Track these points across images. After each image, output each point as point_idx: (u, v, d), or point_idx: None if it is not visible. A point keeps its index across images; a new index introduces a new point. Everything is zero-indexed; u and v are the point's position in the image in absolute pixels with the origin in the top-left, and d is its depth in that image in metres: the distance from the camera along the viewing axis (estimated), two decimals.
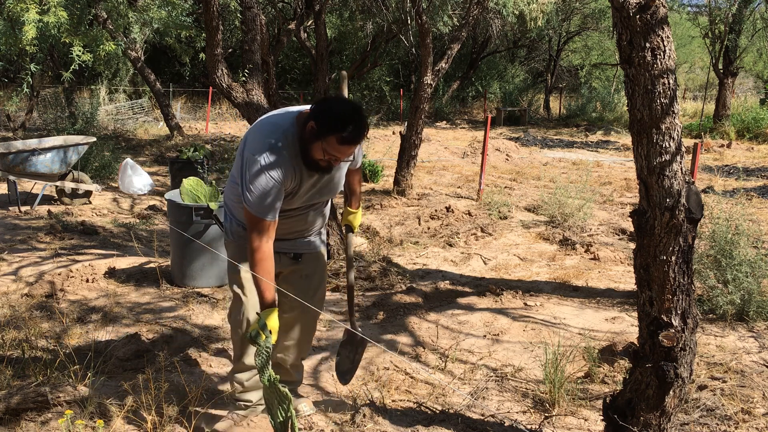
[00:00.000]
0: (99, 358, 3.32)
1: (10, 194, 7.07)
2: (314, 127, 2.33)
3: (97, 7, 7.23)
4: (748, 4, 15.24)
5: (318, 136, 2.33)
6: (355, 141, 2.36)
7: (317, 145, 2.35)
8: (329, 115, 2.32)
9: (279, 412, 2.31)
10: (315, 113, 2.35)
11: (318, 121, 2.33)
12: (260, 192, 2.35)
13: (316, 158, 2.40)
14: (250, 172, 2.35)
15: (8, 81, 16.49)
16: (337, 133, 2.31)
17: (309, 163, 2.43)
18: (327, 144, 2.33)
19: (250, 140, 2.43)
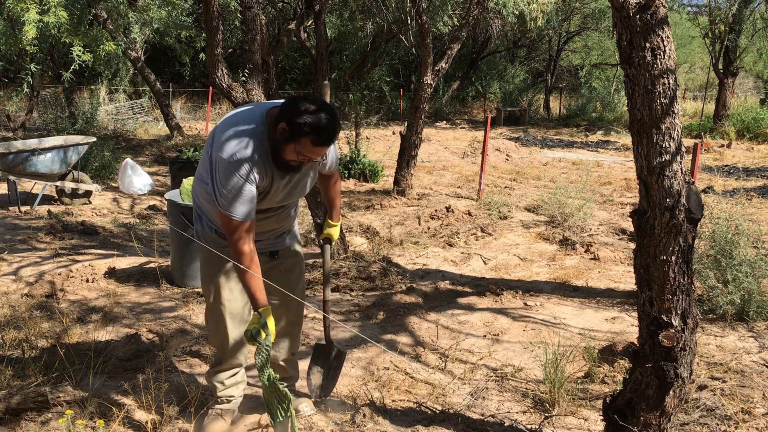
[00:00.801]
0: (99, 358, 3.32)
1: (10, 194, 7.07)
2: (286, 129, 2.28)
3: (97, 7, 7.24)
4: (748, 4, 15.24)
5: (290, 138, 2.28)
6: (329, 142, 2.32)
7: (289, 147, 2.31)
8: (301, 117, 2.26)
9: (279, 412, 2.31)
10: (286, 114, 2.29)
11: (290, 123, 2.27)
12: (236, 195, 2.29)
13: (288, 159, 2.36)
14: (222, 175, 2.29)
15: (8, 81, 16.50)
16: (311, 135, 2.27)
17: (280, 164, 2.38)
18: (300, 146, 2.29)
19: (218, 141, 2.34)
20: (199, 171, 2.53)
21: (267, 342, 2.33)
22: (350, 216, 7.00)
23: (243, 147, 2.30)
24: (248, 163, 2.29)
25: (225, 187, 2.29)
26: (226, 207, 2.31)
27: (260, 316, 2.37)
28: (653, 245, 2.24)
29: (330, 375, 3.02)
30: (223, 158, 2.29)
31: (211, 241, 2.61)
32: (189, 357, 3.49)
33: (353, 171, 9.24)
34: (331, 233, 2.95)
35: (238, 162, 2.28)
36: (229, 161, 2.28)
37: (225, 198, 2.31)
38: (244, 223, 2.34)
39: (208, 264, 2.66)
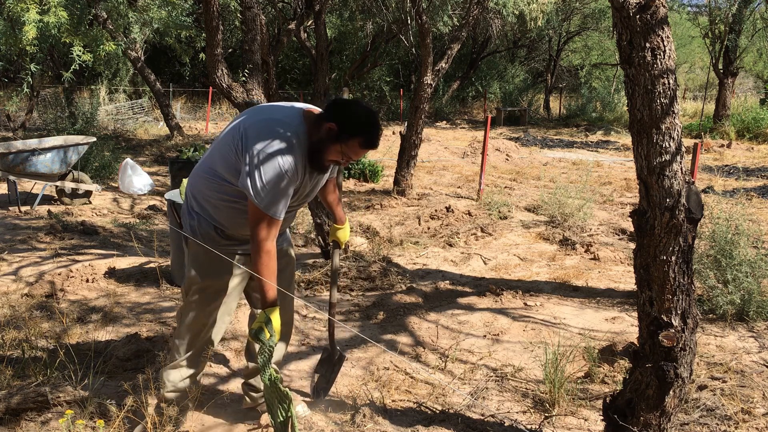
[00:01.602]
0: (99, 358, 3.32)
1: (10, 194, 7.07)
2: (335, 129, 2.30)
3: (97, 7, 7.24)
4: (748, 4, 15.24)
5: (338, 138, 2.31)
6: (375, 145, 2.37)
7: (335, 147, 2.33)
8: (352, 118, 2.31)
9: (279, 412, 2.31)
10: (336, 115, 2.32)
11: (340, 123, 2.30)
12: (279, 193, 2.28)
13: (330, 159, 2.37)
14: (265, 170, 2.26)
15: (8, 81, 16.50)
16: (361, 137, 2.32)
17: (316, 164, 2.39)
18: (347, 147, 2.33)
19: (257, 137, 2.31)
20: (211, 165, 2.46)
21: (271, 342, 2.32)
22: (350, 216, 7.00)
23: (288, 146, 2.29)
24: (293, 161, 2.29)
25: (269, 184, 2.26)
26: (267, 204, 2.28)
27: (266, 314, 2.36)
28: (653, 245, 2.24)
29: (330, 378, 3.03)
30: (268, 153, 2.26)
31: (208, 238, 2.52)
32: None
33: (353, 171, 9.24)
34: (339, 236, 2.93)
35: (284, 159, 2.27)
36: (276, 158, 2.26)
37: (267, 194, 2.27)
38: (277, 221, 2.33)
39: (201, 262, 2.57)
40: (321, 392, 3.02)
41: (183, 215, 2.61)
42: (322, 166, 2.41)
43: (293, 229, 6.14)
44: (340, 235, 2.93)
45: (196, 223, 2.54)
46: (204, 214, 2.53)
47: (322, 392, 3.02)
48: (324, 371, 3.05)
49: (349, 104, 2.37)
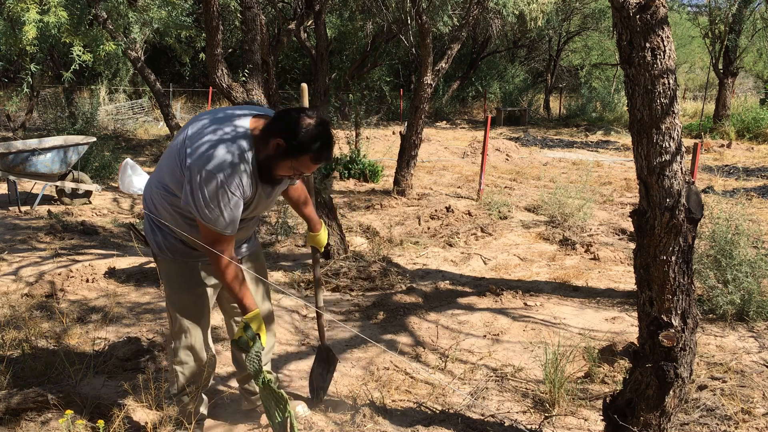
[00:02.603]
0: (99, 358, 3.33)
1: (10, 194, 7.07)
2: (282, 145, 2.18)
3: (97, 7, 7.24)
4: (748, 4, 15.24)
5: (287, 154, 2.19)
6: (328, 157, 2.25)
7: (285, 163, 2.22)
8: (300, 133, 2.17)
9: (277, 413, 2.31)
10: (281, 130, 2.18)
11: (287, 138, 2.17)
12: (224, 209, 2.18)
13: (281, 175, 2.27)
14: (208, 190, 2.15)
15: (8, 81, 16.50)
16: (312, 153, 2.19)
17: (267, 178, 2.28)
18: (298, 162, 2.21)
19: (198, 151, 2.18)
20: (160, 180, 2.35)
21: (257, 349, 2.32)
22: (350, 216, 7.00)
23: (231, 160, 2.16)
24: (237, 177, 2.17)
25: (212, 202, 2.16)
26: (215, 222, 2.19)
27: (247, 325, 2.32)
28: (653, 245, 2.24)
29: (327, 378, 3.04)
30: (210, 171, 2.14)
31: (178, 252, 2.45)
32: None
33: (353, 171, 9.24)
34: (317, 242, 2.87)
35: (227, 176, 2.15)
36: (219, 175, 2.14)
37: (213, 213, 2.17)
38: (230, 237, 2.26)
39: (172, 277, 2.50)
40: (320, 392, 3.02)
41: (146, 232, 2.50)
42: (274, 180, 2.31)
43: (293, 229, 6.14)
44: (318, 241, 2.87)
45: (161, 238, 2.45)
46: (166, 228, 2.43)
47: (321, 392, 3.02)
48: (320, 371, 3.06)
49: (295, 117, 2.21)
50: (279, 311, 4.24)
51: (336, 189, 8.52)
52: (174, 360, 2.57)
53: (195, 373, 2.58)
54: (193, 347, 2.54)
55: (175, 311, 2.52)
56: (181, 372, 2.57)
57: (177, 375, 2.58)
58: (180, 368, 2.56)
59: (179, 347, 2.54)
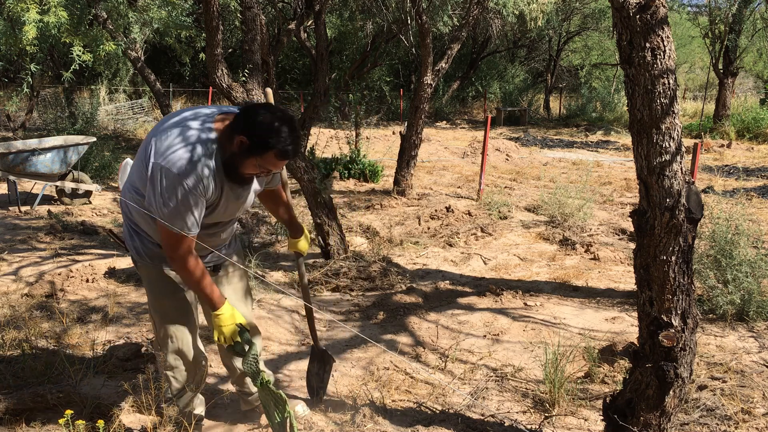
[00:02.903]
0: (99, 358, 3.33)
1: (10, 194, 7.07)
2: (246, 143, 2.13)
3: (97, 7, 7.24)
4: (748, 4, 15.23)
5: (252, 152, 2.14)
6: (294, 154, 2.20)
7: (250, 161, 2.17)
8: (264, 130, 2.12)
9: (276, 414, 2.32)
10: (246, 127, 2.13)
11: (252, 136, 2.12)
12: (183, 208, 2.12)
13: (247, 173, 2.23)
14: (167, 188, 2.10)
15: (8, 81, 16.51)
16: (276, 149, 2.14)
17: (234, 177, 2.24)
18: (263, 160, 2.16)
19: (160, 149, 2.14)
20: (132, 182, 2.30)
21: (253, 352, 2.31)
22: (350, 216, 7.00)
23: (191, 157, 2.11)
24: (197, 175, 2.11)
25: (171, 200, 2.11)
26: (172, 221, 2.13)
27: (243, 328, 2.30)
28: (653, 245, 2.24)
29: (325, 378, 3.04)
30: (168, 169, 2.09)
31: (157, 257, 2.40)
32: None
33: (353, 171, 9.24)
34: (300, 247, 2.84)
35: (185, 173, 2.09)
36: (177, 172, 2.09)
37: (171, 211, 2.12)
38: (190, 238, 2.19)
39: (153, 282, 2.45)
40: (320, 391, 3.02)
41: (125, 238, 2.44)
42: (242, 179, 2.26)
43: None
44: (300, 246, 2.84)
45: (138, 243, 2.40)
46: (143, 233, 2.38)
47: (321, 392, 3.02)
48: (317, 370, 3.04)
49: (258, 113, 2.15)
50: (279, 311, 4.24)
51: (336, 189, 8.52)
52: (165, 366, 2.53)
53: (187, 377, 2.55)
54: (181, 351, 2.50)
55: (159, 317, 2.48)
56: (173, 377, 2.54)
57: (169, 380, 2.55)
58: (171, 373, 2.54)
59: (167, 352, 2.50)
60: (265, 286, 4.54)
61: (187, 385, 2.57)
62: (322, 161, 9.45)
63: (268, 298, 4.43)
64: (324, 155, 10.24)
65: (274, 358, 3.57)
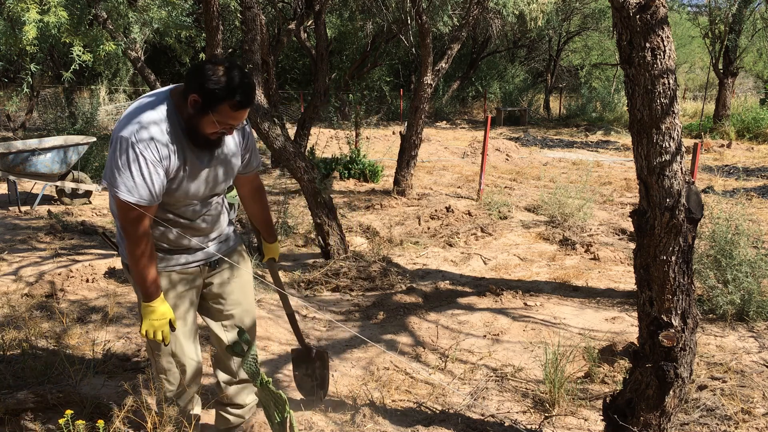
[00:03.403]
0: (99, 358, 3.33)
1: (10, 194, 7.07)
2: (198, 100, 2.09)
3: (97, 7, 7.24)
4: (748, 4, 15.23)
5: (205, 108, 2.09)
6: (249, 102, 2.13)
7: (207, 119, 2.11)
8: (211, 83, 2.07)
9: (276, 414, 2.31)
10: (194, 85, 2.09)
11: (201, 92, 2.07)
12: (134, 173, 2.06)
13: (208, 132, 2.16)
14: (120, 154, 2.06)
15: (8, 81, 16.51)
16: (228, 100, 2.08)
17: (198, 141, 2.18)
18: (218, 115, 2.11)
19: (118, 124, 2.13)
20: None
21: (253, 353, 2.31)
22: (350, 216, 7.00)
23: (146, 123, 2.08)
24: (152, 140, 2.08)
25: (124, 166, 2.05)
26: (128, 189, 2.07)
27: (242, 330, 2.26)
28: (653, 245, 2.24)
29: (320, 377, 2.97)
30: (121, 135, 2.06)
31: None
32: None
33: (353, 171, 9.24)
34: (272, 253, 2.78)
35: (138, 138, 2.06)
36: (130, 138, 2.05)
37: (124, 177, 2.06)
38: (142, 206, 2.10)
39: None
40: (318, 392, 2.98)
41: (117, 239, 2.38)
42: (205, 140, 2.18)
43: (293, 229, 6.14)
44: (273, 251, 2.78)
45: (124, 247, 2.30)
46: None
47: (319, 391, 2.99)
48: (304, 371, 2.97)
49: (202, 68, 2.11)
50: (279, 311, 4.24)
51: (336, 189, 8.52)
52: (157, 368, 2.49)
53: (180, 379, 2.50)
54: (174, 353, 2.45)
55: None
56: (166, 380, 2.49)
57: (162, 383, 2.50)
58: (164, 376, 2.49)
59: (160, 355, 2.45)
60: (265, 286, 4.54)
61: (180, 388, 2.53)
62: (322, 161, 9.45)
63: (267, 298, 4.43)
64: (324, 155, 10.24)
65: (274, 358, 3.56)
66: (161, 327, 2.25)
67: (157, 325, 2.24)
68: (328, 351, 3.52)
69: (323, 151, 10.63)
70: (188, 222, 2.34)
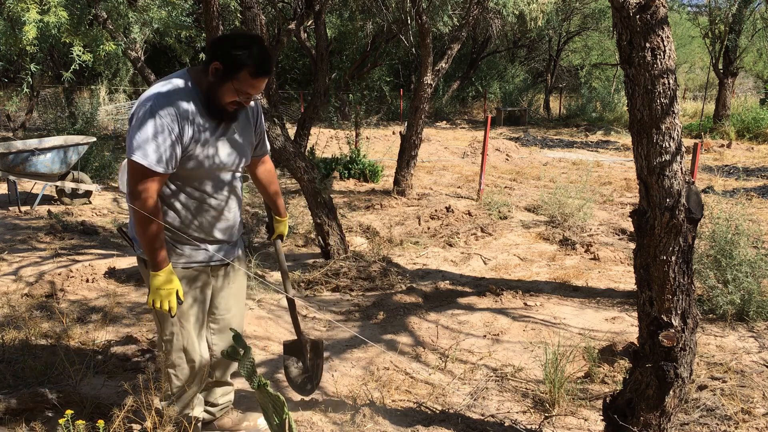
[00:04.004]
0: (99, 358, 3.33)
1: (10, 194, 7.07)
2: (220, 67, 2.17)
3: (97, 7, 7.24)
4: (748, 4, 15.24)
5: (226, 75, 2.18)
6: (268, 70, 2.22)
7: (227, 87, 2.19)
8: (235, 50, 2.16)
9: (274, 416, 2.31)
10: (216, 53, 2.19)
11: (225, 57, 2.17)
12: (149, 135, 2.11)
13: (227, 101, 2.23)
14: (139, 118, 2.14)
15: (8, 81, 16.51)
16: (249, 66, 2.17)
17: (215, 111, 2.25)
18: (239, 82, 2.19)
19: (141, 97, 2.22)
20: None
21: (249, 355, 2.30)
22: (350, 216, 7.00)
23: (165, 93, 2.17)
24: (171, 108, 2.15)
25: (141, 128, 2.12)
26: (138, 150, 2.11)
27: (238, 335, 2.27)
28: (653, 245, 2.24)
29: (312, 367, 2.93)
30: (144, 104, 2.15)
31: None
32: None
33: (353, 171, 9.24)
34: (282, 229, 2.85)
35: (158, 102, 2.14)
36: (150, 106, 2.13)
37: (139, 138, 2.12)
38: (153, 171, 2.13)
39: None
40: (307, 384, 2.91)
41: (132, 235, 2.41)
42: (221, 111, 2.26)
43: (293, 229, 6.14)
44: (282, 228, 2.85)
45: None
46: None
47: (308, 384, 2.91)
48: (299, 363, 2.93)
49: (226, 37, 2.24)
50: (279, 311, 4.24)
51: (336, 189, 8.52)
52: (166, 363, 2.50)
53: (189, 375, 2.52)
54: (185, 349, 2.46)
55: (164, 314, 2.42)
56: (174, 375, 2.51)
57: (170, 378, 2.51)
58: (173, 371, 2.50)
59: (171, 350, 2.46)
60: (265, 286, 4.54)
61: (187, 385, 2.55)
62: (322, 161, 9.45)
63: (267, 298, 4.44)
64: (324, 155, 10.24)
65: (274, 358, 3.56)
66: (167, 297, 2.25)
67: (163, 294, 2.25)
68: (327, 349, 3.52)
69: (323, 151, 10.63)
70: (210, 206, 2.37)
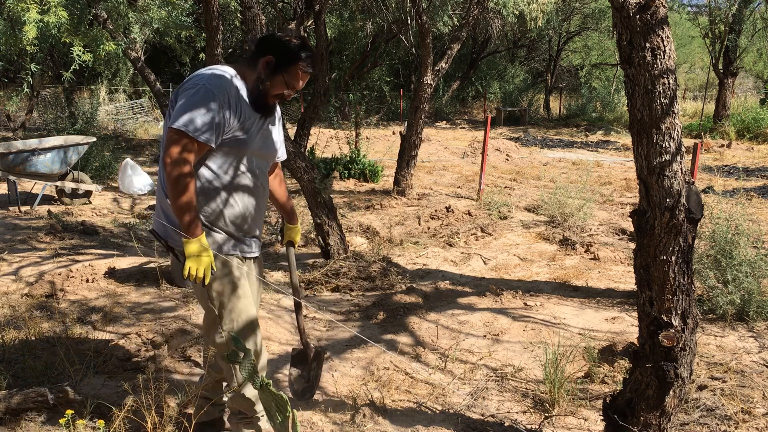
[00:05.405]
0: (99, 358, 3.33)
1: (10, 194, 7.07)
2: (272, 60, 2.30)
3: (97, 7, 7.24)
4: (748, 4, 15.24)
5: (278, 68, 2.30)
6: (316, 66, 2.37)
7: (278, 79, 2.31)
8: (288, 45, 2.30)
9: (277, 414, 2.31)
10: (269, 48, 2.31)
11: (277, 53, 2.29)
12: (199, 106, 2.17)
13: (274, 94, 2.34)
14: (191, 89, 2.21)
15: (8, 81, 16.51)
16: (302, 60, 2.30)
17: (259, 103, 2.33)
18: (289, 75, 2.32)
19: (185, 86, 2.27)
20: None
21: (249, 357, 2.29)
22: (350, 216, 7.00)
23: (219, 73, 2.26)
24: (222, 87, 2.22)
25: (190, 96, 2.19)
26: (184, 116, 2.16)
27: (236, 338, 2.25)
28: (653, 245, 2.24)
29: (312, 377, 2.94)
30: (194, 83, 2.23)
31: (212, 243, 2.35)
32: (189, 357, 3.49)
33: (353, 171, 9.24)
34: (294, 236, 2.84)
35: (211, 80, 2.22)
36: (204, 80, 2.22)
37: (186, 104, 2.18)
38: (193, 139, 2.17)
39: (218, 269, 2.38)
40: (306, 393, 2.92)
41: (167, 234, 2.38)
42: (264, 104, 2.34)
43: None
44: (294, 234, 2.85)
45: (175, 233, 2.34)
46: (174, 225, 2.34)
47: (306, 393, 2.92)
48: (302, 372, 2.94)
49: (275, 34, 2.37)
50: (279, 311, 4.24)
51: (336, 189, 8.52)
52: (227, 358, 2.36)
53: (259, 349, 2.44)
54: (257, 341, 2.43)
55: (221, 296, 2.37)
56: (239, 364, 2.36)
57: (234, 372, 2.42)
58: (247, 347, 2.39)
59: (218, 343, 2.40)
60: (265, 286, 4.54)
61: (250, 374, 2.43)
62: (322, 161, 9.45)
63: (268, 298, 4.44)
64: (324, 155, 10.24)
65: (274, 358, 3.56)
66: (205, 265, 2.21)
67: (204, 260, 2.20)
68: (327, 350, 3.52)
69: (323, 151, 10.63)
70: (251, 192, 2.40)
